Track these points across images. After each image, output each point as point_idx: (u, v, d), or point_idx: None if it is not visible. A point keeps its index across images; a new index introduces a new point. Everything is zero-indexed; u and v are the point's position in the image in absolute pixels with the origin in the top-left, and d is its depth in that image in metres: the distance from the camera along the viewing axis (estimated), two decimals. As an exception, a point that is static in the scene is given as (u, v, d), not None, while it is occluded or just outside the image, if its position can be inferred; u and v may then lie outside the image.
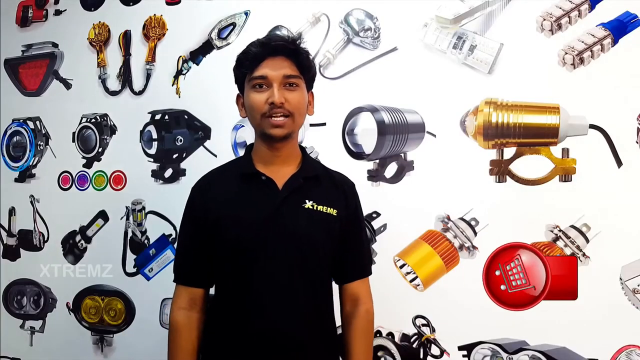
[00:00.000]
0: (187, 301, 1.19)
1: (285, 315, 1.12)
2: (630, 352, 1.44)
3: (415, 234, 1.64)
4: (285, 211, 1.14)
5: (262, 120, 1.12)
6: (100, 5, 2.06)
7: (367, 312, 1.24)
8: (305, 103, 1.17)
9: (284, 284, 1.13)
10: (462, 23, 1.61)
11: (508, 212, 1.55)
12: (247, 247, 1.13)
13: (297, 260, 1.13)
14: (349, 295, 1.25)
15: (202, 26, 1.91)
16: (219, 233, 1.15)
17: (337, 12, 1.74)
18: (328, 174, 1.25)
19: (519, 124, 1.53)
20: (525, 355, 1.51)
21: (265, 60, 1.11)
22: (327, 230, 1.17)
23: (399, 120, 1.65)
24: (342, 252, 1.22)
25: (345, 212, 1.21)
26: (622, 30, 1.47)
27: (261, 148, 1.18)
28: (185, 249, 1.23)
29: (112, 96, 2.02)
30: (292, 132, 1.16)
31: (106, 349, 1.99)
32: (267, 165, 1.18)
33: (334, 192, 1.21)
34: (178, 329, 1.18)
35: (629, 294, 1.44)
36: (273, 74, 1.11)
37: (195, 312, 1.19)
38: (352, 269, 1.26)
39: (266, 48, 1.12)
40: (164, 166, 1.93)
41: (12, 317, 2.12)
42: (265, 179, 1.16)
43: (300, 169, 1.19)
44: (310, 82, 1.20)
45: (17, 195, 2.13)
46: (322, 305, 1.19)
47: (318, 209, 1.16)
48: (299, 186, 1.16)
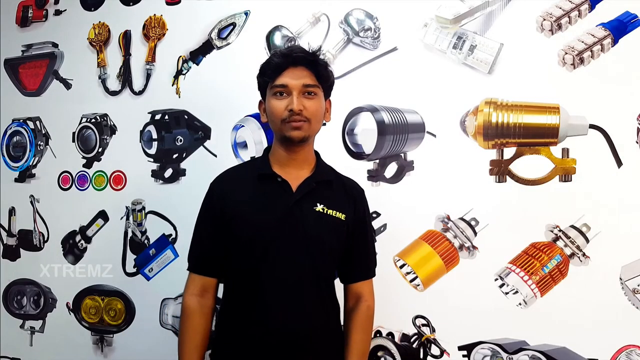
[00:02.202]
0: (199, 288, 1.25)
1: (291, 314, 1.17)
2: (630, 352, 1.44)
3: (415, 234, 1.64)
4: (297, 213, 1.19)
5: (282, 125, 1.18)
6: (100, 5, 2.06)
7: (367, 308, 1.30)
8: (322, 110, 1.23)
9: (292, 284, 1.18)
10: (462, 23, 1.61)
11: (508, 212, 1.55)
12: (258, 247, 1.18)
13: (305, 261, 1.19)
14: (353, 293, 1.31)
15: (202, 26, 1.91)
16: (232, 230, 1.20)
17: (337, 12, 1.74)
18: (340, 179, 1.31)
19: (519, 124, 1.53)
20: (525, 355, 1.51)
21: (286, 70, 1.18)
22: (336, 233, 1.23)
23: (399, 120, 1.65)
24: (348, 254, 1.28)
25: (354, 216, 1.26)
26: (622, 30, 1.47)
27: (278, 151, 1.24)
28: (201, 239, 1.28)
29: (112, 96, 2.03)
30: (309, 136, 1.22)
31: (106, 349, 1.99)
32: (283, 168, 1.24)
33: (344, 197, 1.27)
34: (190, 314, 1.23)
35: (628, 294, 1.44)
36: (293, 83, 1.18)
37: (207, 300, 1.25)
38: (358, 270, 1.32)
39: (287, 58, 1.19)
40: (164, 166, 1.94)
41: (12, 317, 2.13)
42: (280, 181, 1.21)
43: (314, 173, 1.25)
44: (328, 91, 1.26)
45: (17, 195, 2.13)
46: (328, 305, 1.25)
47: (328, 213, 1.22)
48: (311, 190, 1.22)
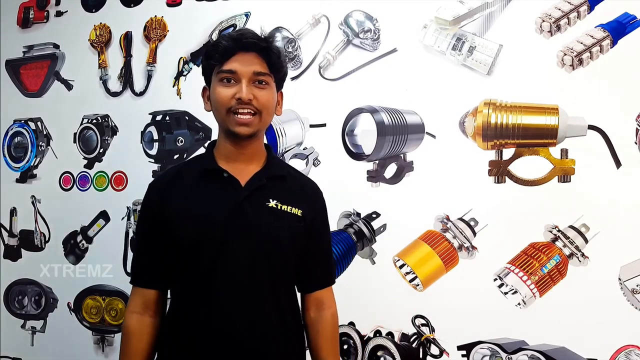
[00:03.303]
0: (140, 304, 1.14)
1: (247, 317, 1.07)
2: (629, 352, 1.44)
3: (414, 234, 1.64)
4: (247, 210, 1.09)
5: (227, 115, 1.08)
6: (101, 7, 2.07)
7: (332, 316, 1.22)
8: (274, 102, 1.12)
9: (246, 285, 1.07)
10: (461, 24, 1.62)
11: (507, 213, 1.56)
12: (207, 247, 1.07)
13: (259, 261, 1.08)
14: (313, 300, 1.21)
15: (202, 28, 1.91)
16: (176, 232, 1.08)
17: (337, 14, 1.75)
18: (293, 175, 1.21)
19: (518, 124, 1.54)
20: (525, 355, 1.51)
21: (235, 55, 1.07)
22: (292, 229, 1.12)
23: (399, 121, 1.65)
24: (307, 259, 1.18)
25: (311, 214, 1.16)
26: (621, 32, 1.48)
27: (224, 145, 1.13)
28: (140, 250, 1.18)
29: (113, 97, 2.03)
30: (259, 131, 1.11)
31: (107, 349, 1.99)
32: (230, 163, 1.13)
33: (299, 193, 1.17)
34: (129, 334, 1.13)
35: (627, 294, 1.44)
36: (243, 69, 1.07)
37: (147, 317, 1.14)
38: (319, 277, 1.23)
39: (237, 43, 1.08)
40: (164, 167, 1.94)
41: (13, 317, 2.13)
42: (227, 176, 1.11)
43: (264, 168, 1.15)
44: (281, 82, 1.16)
45: (18, 196, 2.14)
46: (285, 304, 1.14)
47: (282, 209, 1.12)
48: (262, 185, 1.12)
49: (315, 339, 1.20)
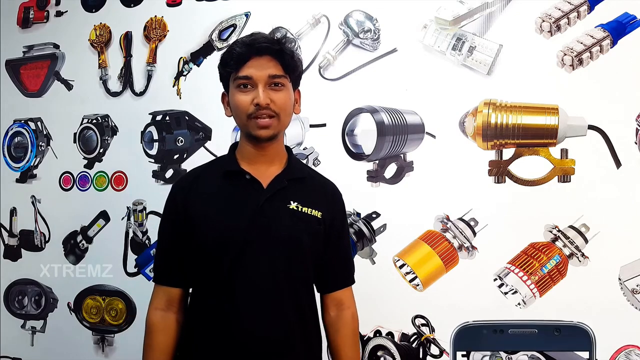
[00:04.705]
0: (164, 302, 1.17)
1: (266, 320, 1.08)
2: (629, 352, 1.44)
3: (414, 234, 1.65)
4: (268, 211, 1.11)
5: (248, 121, 1.10)
6: (101, 7, 2.07)
7: (352, 317, 1.23)
8: (291, 103, 1.14)
9: (266, 288, 1.09)
10: (461, 24, 1.62)
11: (507, 213, 1.56)
12: (228, 249, 1.09)
13: (280, 262, 1.10)
14: (333, 300, 1.23)
15: (202, 28, 1.91)
16: (199, 233, 1.11)
17: (337, 14, 1.75)
18: (313, 176, 1.23)
19: (518, 124, 1.54)
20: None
21: (250, 60, 1.09)
22: (312, 231, 1.14)
23: (399, 121, 1.65)
24: (326, 259, 1.19)
25: (330, 215, 1.18)
26: (621, 32, 1.48)
27: (246, 147, 1.16)
28: (163, 249, 1.20)
29: (113, 97, 2.03)
30: (278, 133, 1.13)
31: (107, 349, 1.99)
32: (251, 165, 1.15)
33: (319, 195, 1.19)
34: (153, 331, 1.15)
35: (627, 294, 1.44)
36: (258, 74, 1.09)
37: (172, 313, 1.16)
38: (338, 278, 1.24)
39: (250, 48, 1.09)
40: (164, 167, 1.94)
41: (13, 317, 2.13)
42: (249, 178, 1.13)
43: (285, 170, 1.17)
44: (297, 81, 1.17)
45: (18, 196, 2.14)
46: (305, 307, 1.15)
47: (303, 210, 1.14)
48: (283, 187, 1.13)
49: (335, 339, 1.21)
